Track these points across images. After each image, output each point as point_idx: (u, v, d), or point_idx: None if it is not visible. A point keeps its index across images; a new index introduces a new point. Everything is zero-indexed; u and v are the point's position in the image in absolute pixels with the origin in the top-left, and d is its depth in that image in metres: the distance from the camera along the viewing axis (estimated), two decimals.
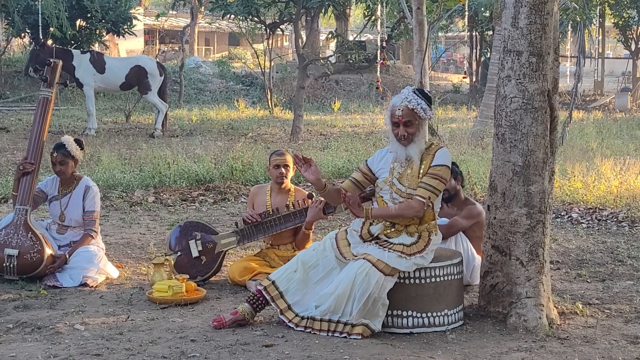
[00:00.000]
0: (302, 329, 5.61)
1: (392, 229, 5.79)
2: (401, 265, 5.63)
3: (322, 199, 6.72)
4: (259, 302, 5.80)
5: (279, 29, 23.01)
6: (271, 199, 7.17)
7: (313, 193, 7.02)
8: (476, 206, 7.09)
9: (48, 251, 6.90)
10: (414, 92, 5.84)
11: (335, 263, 5.79)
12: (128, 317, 5.95)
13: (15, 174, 7.24)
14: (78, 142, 7.30)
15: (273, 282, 5.81)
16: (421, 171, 5.77)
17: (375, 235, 5.81)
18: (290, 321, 5.68)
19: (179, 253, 7.03)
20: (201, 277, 6.99)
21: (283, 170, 7.12)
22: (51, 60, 7.42)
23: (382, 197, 5.89)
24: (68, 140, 7.25)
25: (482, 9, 30.04)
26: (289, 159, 7.17)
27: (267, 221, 6.97)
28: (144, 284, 6.92)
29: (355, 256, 5.72)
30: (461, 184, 7.19)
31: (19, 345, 5.33)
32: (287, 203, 7.02)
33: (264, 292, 5.79)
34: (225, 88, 30.97)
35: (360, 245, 5.80)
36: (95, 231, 7.22)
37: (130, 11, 27.32)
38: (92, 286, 6.83)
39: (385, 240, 5.76)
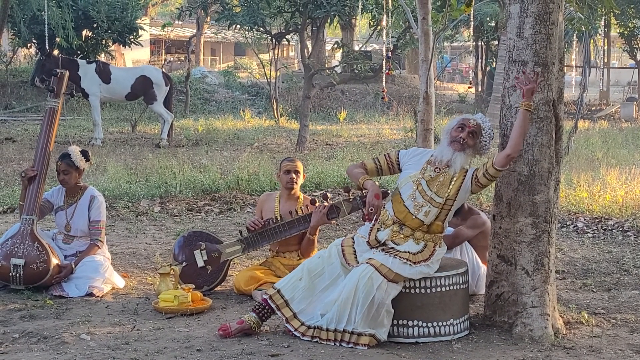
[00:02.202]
0: (309, 339, 5.62)
1: (400, 235, 5.81)
2: (405, 272, 5.63)
3: (326, 203, 6.76)
4: (265, 310, 5.81)
5: (284, 39, 23.05)
6: (280, 206, 7.18)
7: (316, 199, 7.05)
8: (480, 216, 7.09)
9: (54, 261, 6.91)
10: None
11: (341, 270, 5.80)
12: (134, 327, 5.96)
13: (21, 183, 7.26)
14: (84, 153, 7.32)
15: (278, 291, 5.81)
16: (451, 185, 5.82)
17: (382, 241, 5.83)
18: (296, 330, 5.68)
19: (184, 263, 7.03)
20: (207, 286, 7.00)
21: (293, 175, 7.15)
22: (58, 70, 7.44)
23: (400, 194, 5.90)
24: (74, 150, 7.27)
25: (488, 19, 30.10)
26: (300, 166, 7.22)
27: (271, 228, 6.98)
28: (150, 294, 6.92)
29: (359, 263, 5.73)
30: None
31: (25, 355, 5.34)
32: (291, 210, 7.03)
33: (269, 301, 5.80)
34: (231, 98, 31.02)
35: (366, 252, 5.82)
36: (101, 241, 7.23)
37: (136, 21, 27.39)
38: (98, 296, 6.84)
39: (392, 248, 5.78)
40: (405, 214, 5.83)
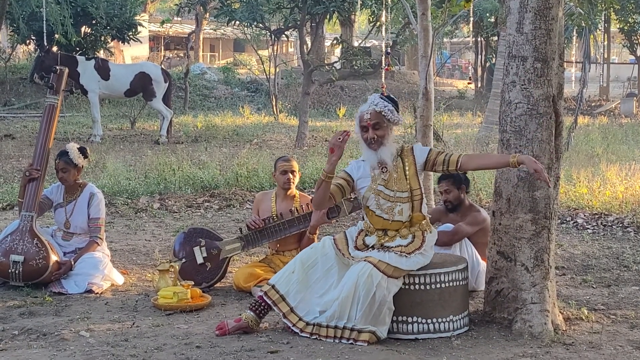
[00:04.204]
0: (308, 335, 5.61)
1: (386, 237, 5.82)
2: (402, 264, 5.62)
3: None
4: (262, 307, 5.78)
5: (283, 35, 23.01)
6: (276, 205, 7.18)
7: None
8: (481, 212, 7.08)
9: (53, 257, 6.91)
10: (381, 97, 5.90)
11: (335, 262, 5.78)
12: (133, 324, 5.95)
13: (21, 180, 7.26)
14: (82, 150, 7.30)
15: (273, 286, 5.79)
16: (407, 172, 5.84)
17: (371, 245, 5.83)
18: (294, 325, 5.66)
19: (183, 260, 7.03)
20: (206, 283, 6.99)
21: (290, 176, 7.13)
22: (57, 67, 7.43)
23: (368, 207, 5.91)
24: (71, 147, 7.26)
25: (487, 14, 30.09)
26: (295, 165, 7.20)
27: (271, 226, 6.98)
28: (149, 291, 6.92)
29: (354, 258, 5.73)
30: (466, 190, 7.19)
31: (24, 352, 5.33)
32: (291, 208, 7.03)
33: (265, 297, 5.77)
34: (230, 94, 31.01)
35: (359, 252, 5.81)
36: (100, 238, 7.22)
37: (135, 18, 27.39)
38: (97, 293, 6.84)
39: (383, 245, 5.78)
40: (383, 222, 5.86)
